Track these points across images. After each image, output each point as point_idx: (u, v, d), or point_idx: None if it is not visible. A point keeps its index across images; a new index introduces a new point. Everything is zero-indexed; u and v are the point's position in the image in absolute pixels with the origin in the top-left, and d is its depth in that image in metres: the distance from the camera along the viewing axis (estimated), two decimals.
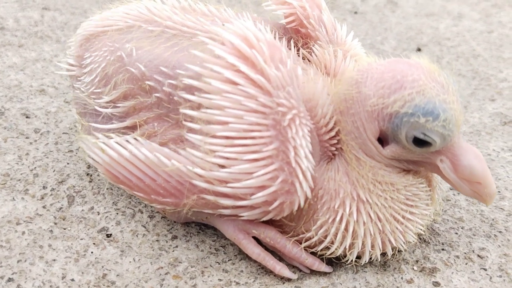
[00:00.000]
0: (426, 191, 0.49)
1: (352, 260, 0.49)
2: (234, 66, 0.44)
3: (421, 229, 0.50)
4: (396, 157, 0.47)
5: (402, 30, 1.08)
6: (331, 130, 0.48)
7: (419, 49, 1.00)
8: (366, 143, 0.47)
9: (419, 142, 0.45)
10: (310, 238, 0.49)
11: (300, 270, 0.51)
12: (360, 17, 1.14)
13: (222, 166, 0.45)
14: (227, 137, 0.44)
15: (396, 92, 0.44)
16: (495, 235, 0.56)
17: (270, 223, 0.50)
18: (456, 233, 0.56)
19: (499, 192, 0.63)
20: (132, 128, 0.52)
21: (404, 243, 0.49)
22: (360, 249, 0.48)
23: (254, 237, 0.51)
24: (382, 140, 0.47)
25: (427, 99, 0.43)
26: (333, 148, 0.48)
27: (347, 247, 0.48)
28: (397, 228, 0.48)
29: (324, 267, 0.50)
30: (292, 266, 0.51)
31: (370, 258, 0.49)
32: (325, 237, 0.48)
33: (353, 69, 0.48)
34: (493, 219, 0.58)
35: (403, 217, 0.48)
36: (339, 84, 0.48)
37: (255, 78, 0.44)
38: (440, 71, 0.46)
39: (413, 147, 0.45)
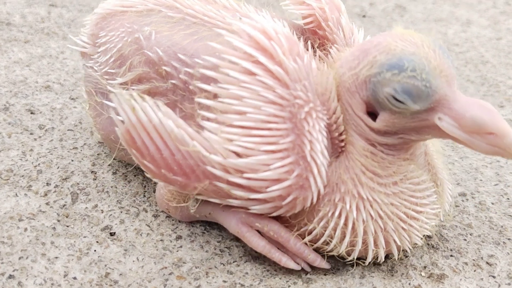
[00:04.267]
0: (431, 185, 0.48)
1: (355, 259, 0.48)
2: (252, 57, 0.45)
3: (428, 230, 0.49)
4: (390, 127, 0.45)
5: None
6: (340, 125, 0.47)
7: None
8: (358, 123, 0.46)
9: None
10: (312, 231, 0.48)
11: (302, 269, 0.50)
12: (369, 21, 1.13)
13: (239, 155, 0.44)
14: (243, 127, 0.44)
15: (363, 59, 0.44)
16: (504, 242, 0.55)
17: (274, 216, 0.49)
18: (465, 240, 0.55)
19: (507, 199, 0.62)
20: None
21: (409, 243, 0.48)
22: (361, 247, 0.47)
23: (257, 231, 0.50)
24: (375, 116, 0.46)
25: (390, 55, 0.43)
26: (342, 144, 0.48)
27: (348, 244, 0.47)
28: (401, 226, 0.47)
29: (324, 264, 0.49)
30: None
31: (376, 259, 0.49)
32: (325, 230, 0.47)
33: None
34: (501, 226, 0.58)
35: (407, 214, 0.47)
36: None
37: (273, 70, 0.44)
38: (416, 34, 0.44)
39: (399, 106, 0.43)
